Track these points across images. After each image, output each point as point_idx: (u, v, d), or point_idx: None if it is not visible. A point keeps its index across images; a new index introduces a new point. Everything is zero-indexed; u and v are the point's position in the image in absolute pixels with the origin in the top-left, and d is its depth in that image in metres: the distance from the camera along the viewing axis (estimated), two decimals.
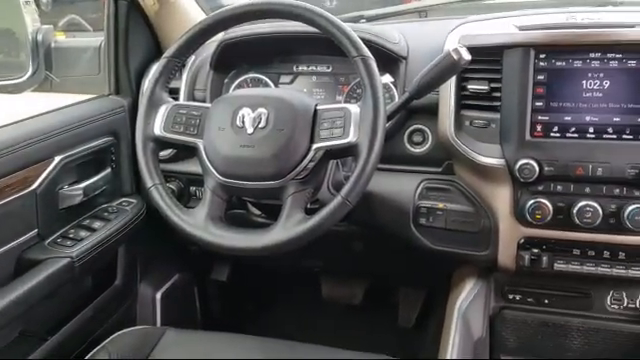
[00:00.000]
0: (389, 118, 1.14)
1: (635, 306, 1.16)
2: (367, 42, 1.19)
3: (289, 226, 0.99)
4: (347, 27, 1.03)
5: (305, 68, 1.38)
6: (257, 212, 1.33)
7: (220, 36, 1.34)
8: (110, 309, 1.44)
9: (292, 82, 1.40)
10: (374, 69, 1.00)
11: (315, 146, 1.03)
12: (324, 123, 1.03)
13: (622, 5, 1.37)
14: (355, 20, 1.59)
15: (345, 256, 1.50)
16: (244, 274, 1.82)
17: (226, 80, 1.41)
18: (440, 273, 1.31)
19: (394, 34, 1.28)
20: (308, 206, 1.15)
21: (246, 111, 1.04)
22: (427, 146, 1.23)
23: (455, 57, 1.00)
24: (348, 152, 1.03)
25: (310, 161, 1.03)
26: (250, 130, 1.03)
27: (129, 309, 1.53)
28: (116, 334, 1.18)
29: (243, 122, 1.04)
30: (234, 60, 1.40)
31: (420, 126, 1.24)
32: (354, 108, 1.02)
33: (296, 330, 1.77)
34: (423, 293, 1.69)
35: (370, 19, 1.59)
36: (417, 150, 1.24)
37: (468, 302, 1.17)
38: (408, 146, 1.25)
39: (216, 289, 1.82)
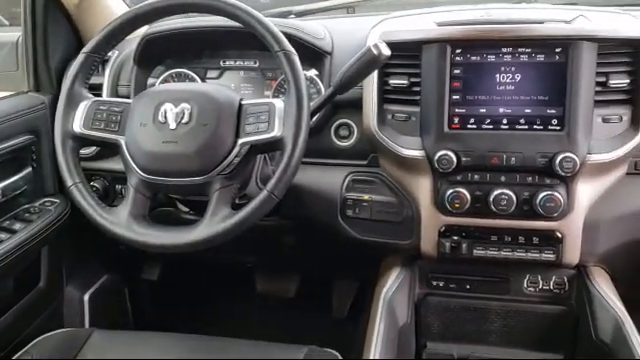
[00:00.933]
0: (314, 113, 1.15)
1: (549, 288, 1.23)
2: (291, 37, 1.22)
3: (214, 222, 0.99)
4: (269, 22, 1.03)
5: (232, 63, 1.38)
6: (185, 209, 1.31)
7: (143, 30, 1.32)
8: (34, 312, 1.39)
9: (219, 77, 1.39)
10: (297, 64, 1.02)
11: (240, 141, 1.03)
12: (249, 118, 1.03)
13: (536, 2, 1.45)
14: (284, 15, 1.59)
15: (277, 250, 1.51)
16: (176, 272, 1.80)
17: (151, 75, 1.39)
18: (369, 263, 1.34)
19: (319, 29, 1.30)
20: (237, 201, 1.16)
21: (168, 106, 1.03)
22: (353, 140, 1.26)
23: (375, 52, 1.03)
24: (273, 146, 1.04)
25: (236, 156, 1.04)
26: (173, 126, 1.02)
27: (55, 312, 1.48)
28: (40, 337, 1.14)
29: (165, 117, 1.03)
30: (159, 55, 1.37)
31: (346, 120, 1.26)
32: (279, 103, 1.03)
33: (231, 326, 1.77)
34: (356, 284, 1.73)
35: (299, 14, 1.61)
36: (343, 144, 1.27)
37: (393, 290, 1.20)
38: (335, 140, 1.27)
39: (148, 289, 1.79)
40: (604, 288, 1.15)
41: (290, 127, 0.99)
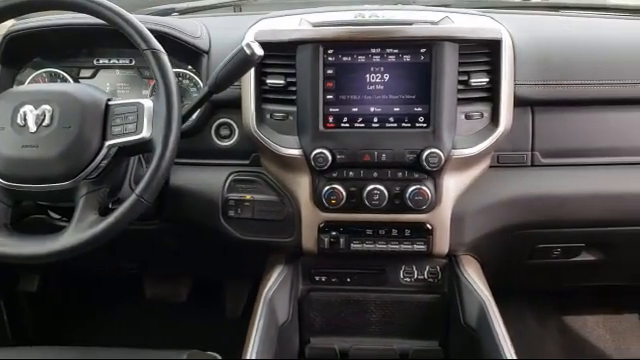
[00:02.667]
0: (191, 113, 1.14)
1: (424, 277, 1.29)
2: (164, 35, 1.20)
3: (81, 229, 0.95)
4: (136, 20, 1.01)
5: (107, 62, 1.33)
6: (57, 216, 1.25)
7: (7, 27, 1.24)
8: None
9: (93, 76, 1.34)
10: (165, 63, 1.00)
11: (108, 143, 1.00)
12: (116, 119, 1.00)
13: (414, 4, 1.50)
14: (167, 13, 1.56)
15: (162, 255, 1.48)
16: (58, 282, 1.71)
17: (18, 75, 1.31)
18: (257, 262, 1.35)
19: (196, 28, 1.28)
20: (110, 206, 1.12)
21: (28, 108, 0.98)
22: (234, 139, 1.26)
23: (248, 52, 1.03)
24: (143, 148, 1.01)
25: (103, 159, 1.00)
26: (33, 129, 0.97)
27: None
28: None
29: (25, 120, 0.98)
30: (26, 53, 1.30)
31: (226, 120, 1.25)
32: (147, 103, 1.01)
33: (121, 335, 1.71)
34: (249, 283, 1.72)
35: (182, 12, 1.58)
36: (225, 143, 1.26)
37: (275, 288, 1.21)
38: (216, 140, 1.26)
39: (26, 301, 1.69)
40: (472, 275, 1.22)
41: (160, 128, 0.97)
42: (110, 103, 1.02)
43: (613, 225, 1.25)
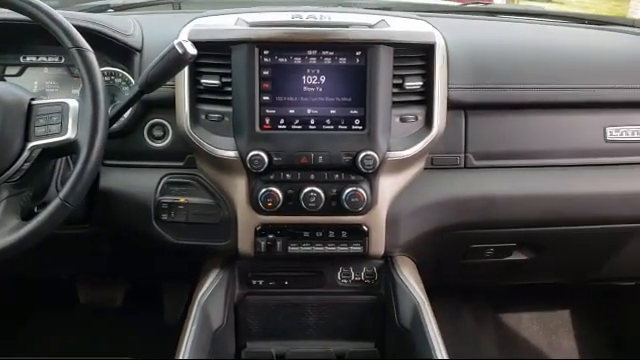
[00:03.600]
0: (120, 113, 1.10)
1: (361, 278, 1.30)
2: (93, 33, 1.15)
3: (1, 234, 0.91)
4: (60, 16, 0.97)
5: (34, 59, 1.27)
6: None
7: None
8: None
9: (20, 74, 1.28)
10: (92, 61, 0.97)
11: (30, 145, 0.96)
12: (39, 119, 0.96)
13: (355, 7, 1.51)
14: (102, 9, 1.51)
15: (95, 259, 1.43)
16: None
17: None
18: (192, 266, 1.32)
19: (129, 25, 1.24)
20: (35, 209, 1.07)
21: None
22: (168, 140, 1.22)
23: (180, 51, 1.01)
24: (67, 150, 0.98)
25: (25, 161, 0.96)
26: None
27: None
28: None
29: None
30: None
31: (160, 120, 1.22)
32: (73, 103, 0.98)
33: (55, 343, 1.64)
34: (188, 287, 1.69)
35: (118, 9, 1.53)
36: (158, 145, 1.23)
37: (209, 293, 1.19)
38: (148, 141, 1.22)
39: None
40: (407, 276, 1.23)
41: (85, 129, 0.94)
42: (33, 103, 0.98)
43: (543, 225, 1.29)
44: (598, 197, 1.26)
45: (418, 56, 1.17)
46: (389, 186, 1.19)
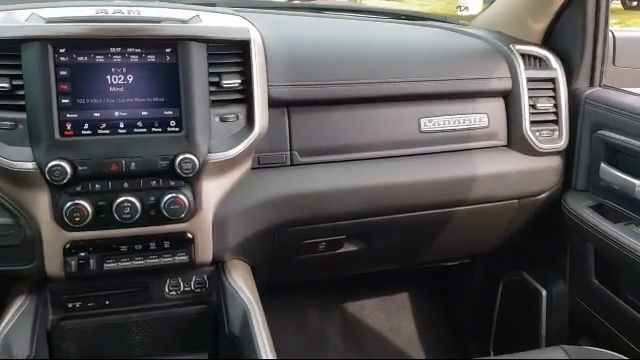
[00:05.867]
0: None
1: (191, 288, 1.22)
2: None
3: None
4: None
5: None
6: None
7: None
8: None
9: None
10: None
11: None
12: None
13: (176, 2, 1.42)
14: None
15: None
16: None
17: None
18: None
19: None
20: None
21: None
22: None
23: None
24: None
25: None
26: None
27: None
28: None
29: None
30: None
31: None
32: None
33: None
34: None
35: None
36: None
37: (13, 322, 1.05)
38: None
39: None
40: (237, 280, 1.19)
41: None
42: None
43: (369, 216, 1.33)
44: (414, 185, 1.32)
45: (234, 53, 1.13)
46: (214, 189, 1.13)
